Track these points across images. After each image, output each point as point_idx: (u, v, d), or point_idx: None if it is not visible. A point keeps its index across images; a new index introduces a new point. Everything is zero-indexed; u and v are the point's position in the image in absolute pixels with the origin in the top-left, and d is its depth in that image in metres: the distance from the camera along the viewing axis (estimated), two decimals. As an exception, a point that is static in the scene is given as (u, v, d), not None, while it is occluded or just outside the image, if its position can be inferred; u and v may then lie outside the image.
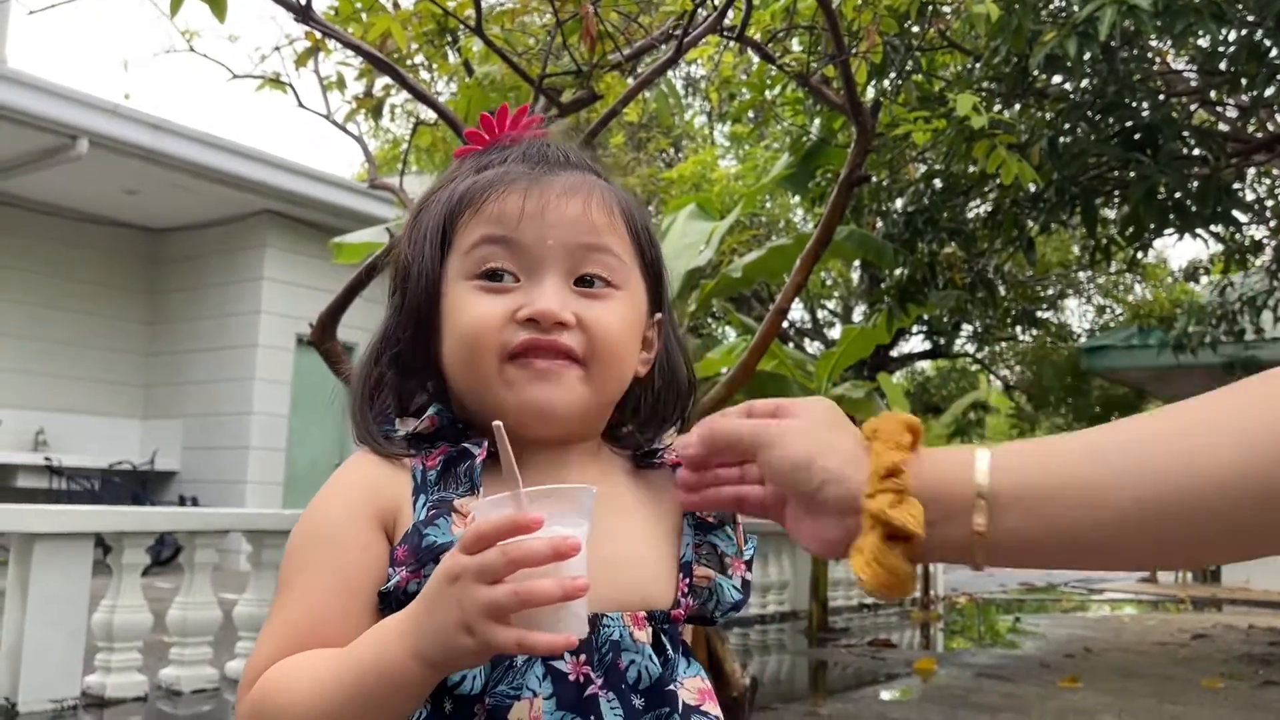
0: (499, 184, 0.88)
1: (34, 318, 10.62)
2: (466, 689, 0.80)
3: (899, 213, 5.87)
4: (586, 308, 0.86)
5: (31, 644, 4.11)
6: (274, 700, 0.79)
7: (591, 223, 0.88)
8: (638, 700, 0.83)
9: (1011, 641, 7.63)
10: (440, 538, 0.81)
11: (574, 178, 0.90)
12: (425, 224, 0.92)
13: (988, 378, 15.96)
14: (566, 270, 0.87)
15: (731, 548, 0.93)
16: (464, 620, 0.71)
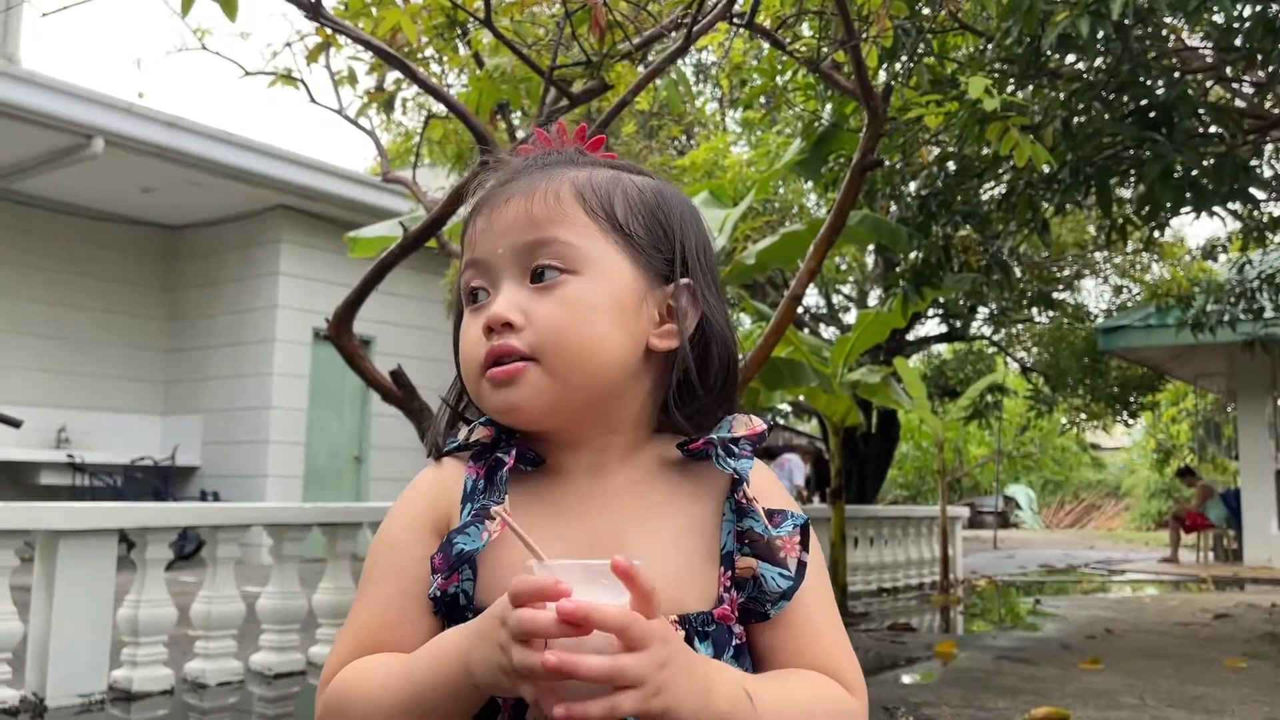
0: (471, 213, 0.94)
1: (55, 316, 10.71)
2: None
3: (912, 196, 5.85)
4: (535, 303, 0.87)
5: (58, 640, 4.15)
6: (346, 698, 0.85)
7: (531, 219, 0.89)
8: None
9: (1032, 624, 7.62)
10: (469, 545, 0.84)
11: (521, 182, 0.91)
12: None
13: (1004, 360, 15.88)
14: (519, 272, 0.89)
15: (760, 528, 0.89)
16: (502, 667, 0.75)
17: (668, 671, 0.73)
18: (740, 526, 0.90)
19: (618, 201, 0.91)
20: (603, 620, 0.70)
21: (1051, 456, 26.58)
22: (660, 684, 0.73)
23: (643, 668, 0.71)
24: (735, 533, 0.90)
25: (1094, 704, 4.46)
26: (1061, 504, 32.76)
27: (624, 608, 0.71)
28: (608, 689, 0.71)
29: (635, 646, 0.71)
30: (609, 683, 0.71)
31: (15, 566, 4.12)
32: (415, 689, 0.81)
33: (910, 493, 23.73)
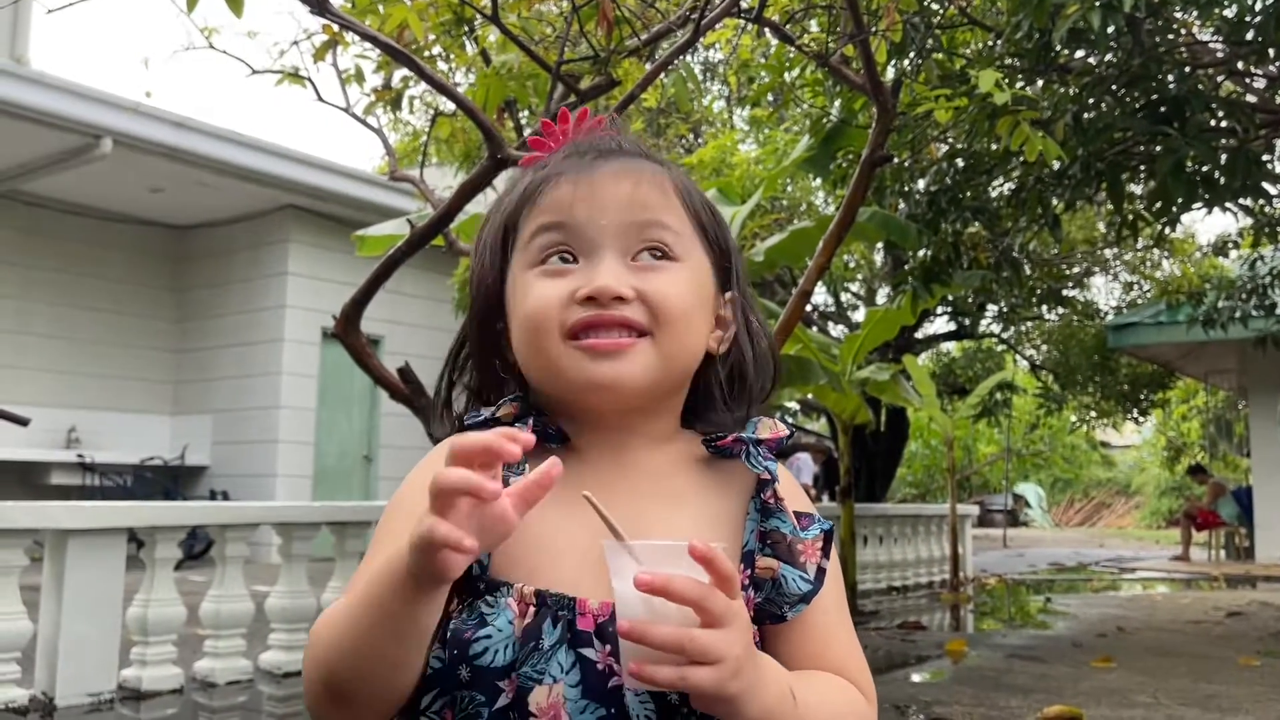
0: (551, 177, 0.91)
1: (64, 317, 10.74)
2: (488, 661, 0.81)
3: (921, 193, 5.82)
4: (645, 280, 0.88)
5: (67, 639, 4.16)
6: (315, 630, 0.84)
7: (643, 201, 0.90)
8: (674, 696, 0.82)
9: (1043, 622, 7.59)
10: None
11: (624, 163, 0.92)
12: (487, 232, 0.97)
13: (1014, 358, 15.81)
14: (622, 248, 0.89)
15: (788, 528, 0.90)
16: (419, 531, 0.72)
17: (744, 656, 0.74)
18: (764, 526, 0.90)
19: (704, 205, 0.96)
20: (680, 592, 0.71)
21: (1061, 454, 26.48)
22: (738, 667, 0.74)
23: (721, 646, 0.72)
24: (758, 532, 0.90)
25: (1107, 702, 4.43)
26: (1071, 502, 32.66)
27: (702, 582, 0.72)
28: (682, 660, 0.72)
29: (714, 623, 0.73)
30: (679, 652, 0.72)
31: (25, 565, 4.13)
32: (362, 595, 0.79)
33: (919, 491, 23.67)
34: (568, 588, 0.83)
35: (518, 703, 0.79)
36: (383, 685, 0.80)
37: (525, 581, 0.83)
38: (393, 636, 0.77)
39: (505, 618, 0.81)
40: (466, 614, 0.83)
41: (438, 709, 0.83)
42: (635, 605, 0.73)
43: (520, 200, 0.94)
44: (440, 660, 0.83)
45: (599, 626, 0.82)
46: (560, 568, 0.84)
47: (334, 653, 0.80)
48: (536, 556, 0.85)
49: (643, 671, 0.72)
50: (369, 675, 0.79)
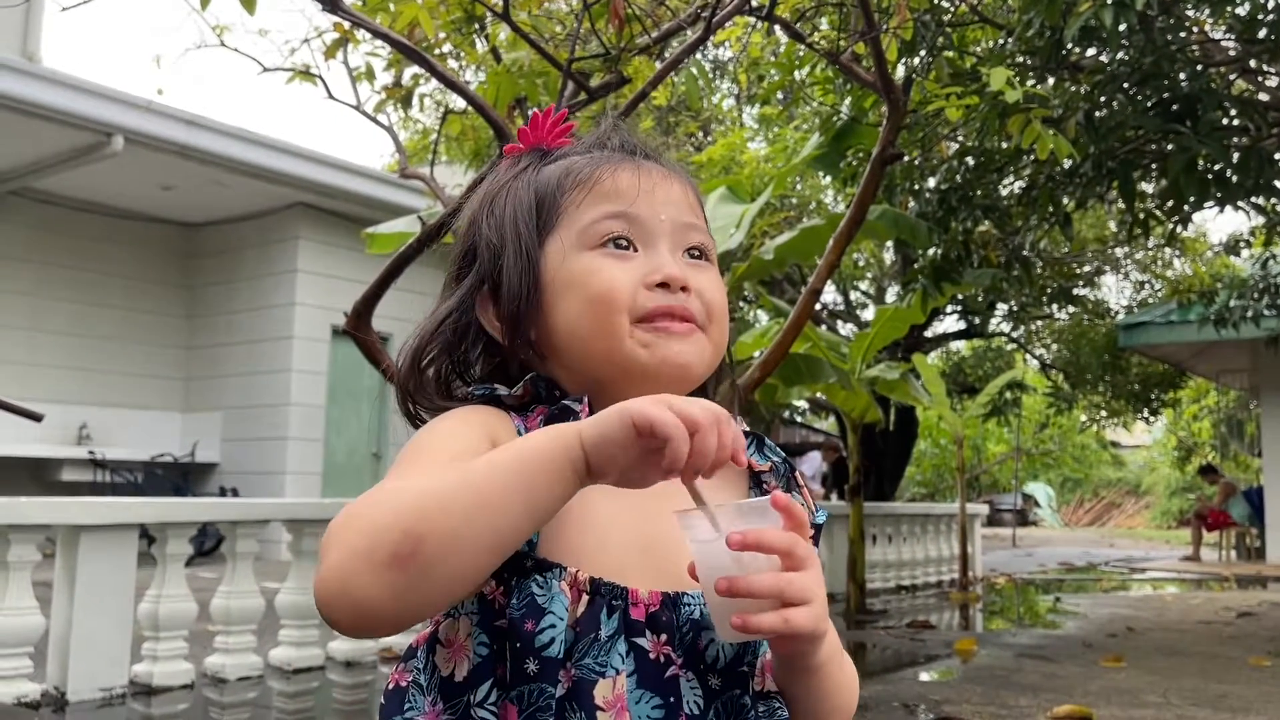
0: (606, 163, 0.94)
1: (76, 314, 10.78)
2: (554, 651, 0.79)
3: (932, 191, 5.81)
4: (697, 276, 0.92)
5: (79, 634, 4.18)
6: (376, 502, 0.76)
7: (690, 204, 0.96)
8: (715, 680, 0.84)
9: (1052, 621, 7.57)
10: None
11: (666, 166, 0.97)
12: (508, 209, 0.95)
13: (1024, 357, 15.78)
14: (676, 243, 0.93)
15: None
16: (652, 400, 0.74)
17: (824, 596, 0.80)
18: None
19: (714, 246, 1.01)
20: (772, 543, 0.76)
21: (1071, 454, 26.42)
22: (825, 606, 0.80)
23: (812, 586, 0.78)
24: None
25: (1117, 702, 4.42)
26: (1081, 502, 32.57)
27: (788, 532, 0.78)
28: (777, 603, 0.77)
29: (799, 567, 0.78)
30: (778, 597, 0.76)
31: (37, 561, 4.15)
32: (500, 467, 0.75)
33: (928, 490, 23.63)
34: (615, 575, 0.83)
35: (578, 694, 0.78)
36: (472, 565, 0.74)
37: (574, 564, 0.82)
38: (524, 514, 0.75)
39: (561, 603, 0.80)
40: (516, 597, 0.80)
41: (494, 701, 0.80)
42: (725, 565, 0.77)
43: (567, 179, 0.94)
44: (487, 647, 0.81)
45: (650, 616, 0.82)
46: (607, 554, 0.84)
47: (441, 508, 0.73)
48: (583, 538, 0.84)
49: (748, 623, 0.76)
50: (470, 545, 0.73)
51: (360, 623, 0.74)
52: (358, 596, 0.72)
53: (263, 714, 4.27)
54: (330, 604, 0.73)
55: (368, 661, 5.07)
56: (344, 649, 5.03)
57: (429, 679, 0.84)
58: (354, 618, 0.74)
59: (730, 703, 0.84)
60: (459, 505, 0.73)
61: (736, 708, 0.84)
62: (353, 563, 0.72)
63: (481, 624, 0.82)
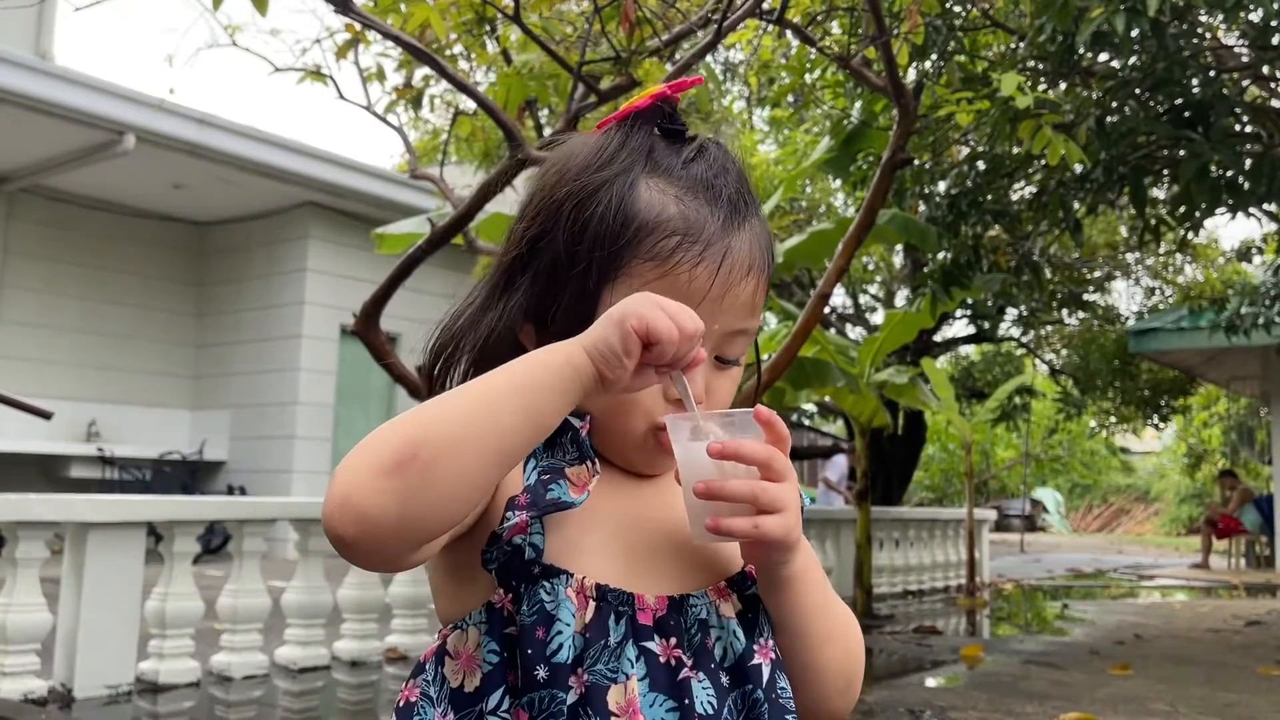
0: (694, 241, 0.87)
1: (87, 311, 10.83)
2: (564, 657, 0.79)
3: (942, 195, 5.79)
4: (717, 380, 0.92)
5: (86, 631, 4.19)
6: (409, 411, 0.79)
7: (753, 307, 0.92)
8: (725, 678, 0.84)
9: (1060, 628, 7.54)
10: (563, 495, 0.82)
11: (754, 238, 0.91)
12: (592, 228, 0.88)
13: (1033, 362, 15.73)
14: (713, 348, 0.91)
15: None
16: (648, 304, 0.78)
17: (799, 510, 0.84)
18: None
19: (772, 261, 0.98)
20: (750, 454, 0.80)
21: (1080, 460, 26.33)
22: (798, 516, 0.83)
23: (787, 495, 0.82)
24: None
25: (1124, 710, 4.40)
26: (1090, 508, 32.46)
27: (767, 444, 0.82)
28: (752, 510, 0.80)
29: (777, 479, 0.82)
30: (752, 502, 0.80)
31: (45, 558, 4.16)
32: (502, 377, 0.78)
33: (936, 495, 23.58)
34: (621, 581, 0.84)
35: (592, 700, 0.79)
36: (472, 470, 0.75)
37: (580, 570, 0.83)
38: (526, 415, 0.77)
39: (568, 610, 0.81)
40: (525, 604, 0.81)
41: (507, 709, 0.81)
42: (706, 469, 0.80)
43: (646, 234, 0.87)
44: (498, 655, 0.82)
45: (658, 621, 0.83)
46: (612, 559, 0.85)
47: (441, 416, 0.76)
48: (588, 544, 0.85)
49: (719, 524, 0.80)
50: (469, 449, 0.75)
51: (364, 535, 0.74)
52: (360, 506, 0.73)
53: (268, 712, 4.28)
54: (334, 518, 0.74)
55: (373, 661, 5.08)
56: (350, 649, 5.03)
57: (439, 690, 0.85)
58: (358, 529, 0.73)
59: (743, 698, 0.84)
60: (458, 410, 0.77)
61: (750, 703, 0.84)
62: (355, 475, 0.74)
63: (490, 633, 0.83)
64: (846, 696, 0.92)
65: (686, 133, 0.93)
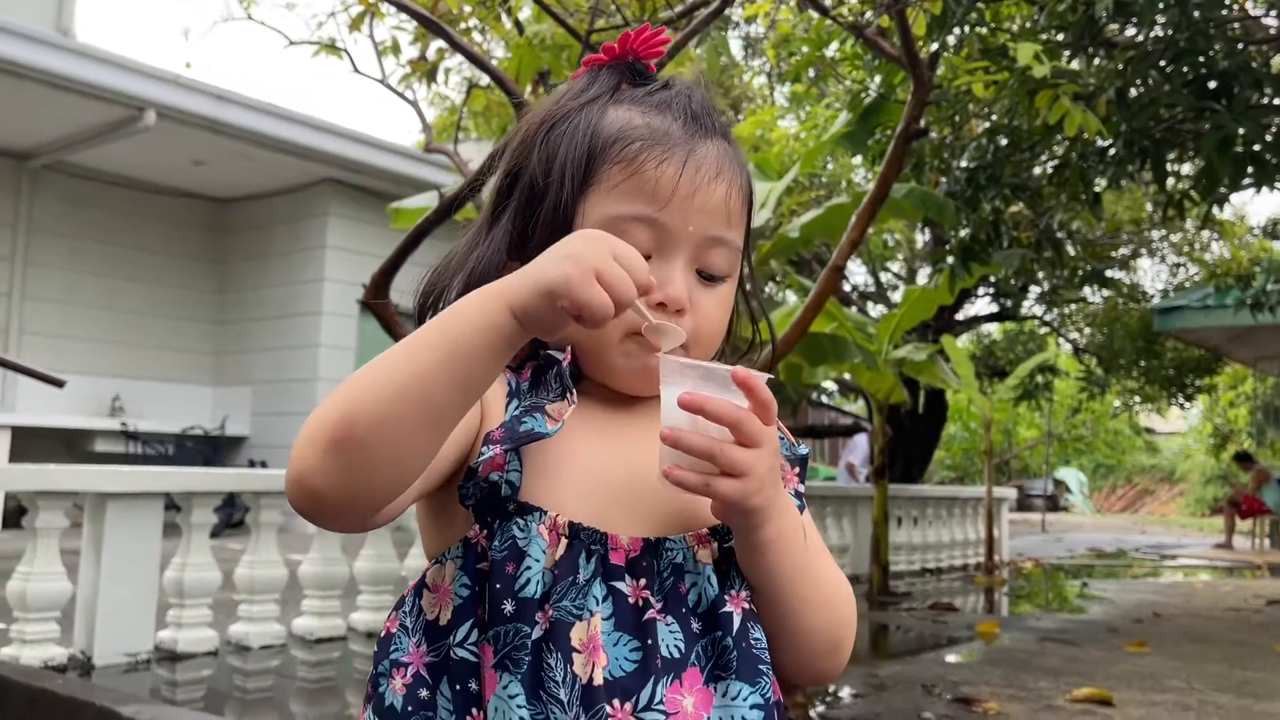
0: (657, 144, 0.90)
1: (110, 288, 10.91)
2: (531, 593, 0.81)
3: (960, 169, 5.73)
4: (702, 296, 0.92)
5: (106, 600, 4.24)
6: (347, 381, 0.80)
7: (727, 214, 0.92)
8: (696, 624, 0.85)
9: (1078, 606, 7.51)
10: (537, 428, 0.84)
11: (722, 151, 0.93)
12: (563, 148, 0.92)
13: (1056, 340, 15.58)
14: (693, 257, 0.91)
15: (784, 447, 0.94)
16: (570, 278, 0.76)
17: (772, 477, 0.83)
18: None
19: (751, 191, 0.98)
20: (715, 412, 0.79)
21: (1104, 440, 26.11)
22: (763, 483, 0.81)
23: (749, 461, 0.80)
24: None
25: (1138, 686, 4.38)
26: (1113, 488, 32.26)
27: (740, 406, 0.80)
28: (713, 469, 0.79)
29: (748, 443, 0.80)
30: (710, 459, 0.79)
31: (65, 527, 4.21)
32: (429, 336, 0.78)
33: (958, 474, 23.47)
34: (597, 520, 0.84)
35: (555, 635, 0.80)
36: (407, 443, 0.76)
37: (555, 508, 0.83)
38: (455, 381, 0.76)
39: (539, 546, 0.82)
40: (498, 540, 0.83)
41: (474, 642, 0.82)
42: (681, 417, 0.80)
43: (617, 144, 0.90)
44: (469, 589, 0.83)
45: (630, 561, 0.84)
46: (589, 498, 0.86)
47: (371, 391, 0.77)
48: (566, 483, 0.85)
49: (673, 473, 0.79)
50: (400, 424, 0.75)
51: (316, 509, 0.78)
52: (309, 484, 0.76)
53: (285, 682, 4.33)
54: (292, 496, 0.78)
55: (389, 633, 5.12)
56: (366, 620, 5.07)
57: (414, 622, 0.87)
58: (310, 504, 0.77)
59: (713, 644, 0.84)
60: (388, 387, 0.76)
61: (719, 649, 0.84)
62: (302, 452, 0.77)
63: (464, 567, 0.84)
64: (833, 659, 0.92)
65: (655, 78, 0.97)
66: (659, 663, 0.81)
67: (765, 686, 0.85)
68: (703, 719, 0.82)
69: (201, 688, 4.15)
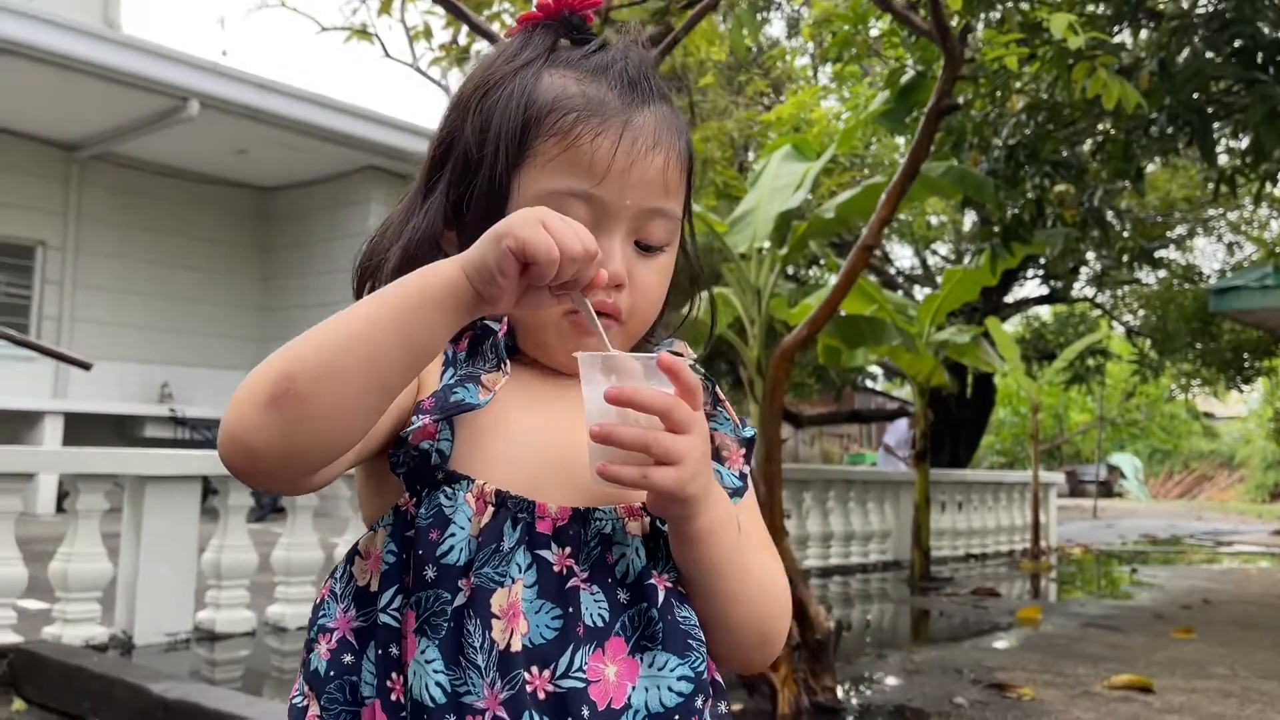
0: (593, 114, 0.87)
1: (159, 276, 11.11)
2: (453, 560, 0.80)
3: (1000, 146, 5.60)
4: (640, 268, 0.90)
5: (145, 581, 4.32)
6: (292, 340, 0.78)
7: (665, 184, 0.90)
8: (623, 594, 0.84)
9: (1126, 593, 7.37)
10: (468, 398, 0.82)
11: (660, 118, 0.90)
12: (497, 118, 0.89)
13: (1109, 323, 15.27)
14: (631, 230, 0.89)
15: (728, 427, 0.93)
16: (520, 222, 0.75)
17: (704, 464, 0.81)
18: None
19: (691, 154, 0.95)
20: (646, 402, 0.77)
21: (1159, 424, 25.62)
22: (696, 470, 0.80)
23: (682, 447, 0.78)
24: None
25: (1180, 673, 4.28)
26: (1170, 474, 31.66)
27: (668, 394, 0.78)
28: (647, 460, 0.78)
29: (677, 430, 0.78)
30: (644, 451, 0.77)
31: (105, 509, 4.28)
32: (381, 298, 0.77)
33: (1007, 459, 23.17)
34: (527, 490, 0.83)
35: (476, 602, 0.79)
36: (350, 400, 0.75)
37: (484, 477, 0.83)
38: (402, 339, 0.76)
39: (464, 514, 0.81)
40: (425, 507, 0.82)
41: (398, 607, 0.82)
42: (608, 413, 0.78)
43: (551, 114, 0.87)
44: (395, 555, 0.83)
45: (557, 530, 0.83)
46: (520, 468, 0.84)
47: (314, 346, 0.75)
48: (497, 452, 0.85)
49: (608, 470, 0.77)
50: (344, 380, 0.74)
51: (250, 467, 0.76)
52: (245, 441, 0.75)
53: (319, 662, 4.37)
54: (225, 452, 0.76)
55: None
56: (401, 602, 5.12)
57: (344, 588, 0.86)
58: (245, 462, 0.76)
59: (639, 615, 0.83)
60: (333, 341, 0.75)
61: (645, 620, 0.83)
62: (240, 410, 0.75)
63: (393, 534, 0.84)
64: (763, 651, 0.91)
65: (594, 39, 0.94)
66: (580, 630, 0.81)
67: (696, 661, 0.84)
68: (627, 688, 0.81)
69: (239, 667, 4.21)
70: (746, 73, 10.29)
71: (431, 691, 0.78)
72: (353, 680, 0.83)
